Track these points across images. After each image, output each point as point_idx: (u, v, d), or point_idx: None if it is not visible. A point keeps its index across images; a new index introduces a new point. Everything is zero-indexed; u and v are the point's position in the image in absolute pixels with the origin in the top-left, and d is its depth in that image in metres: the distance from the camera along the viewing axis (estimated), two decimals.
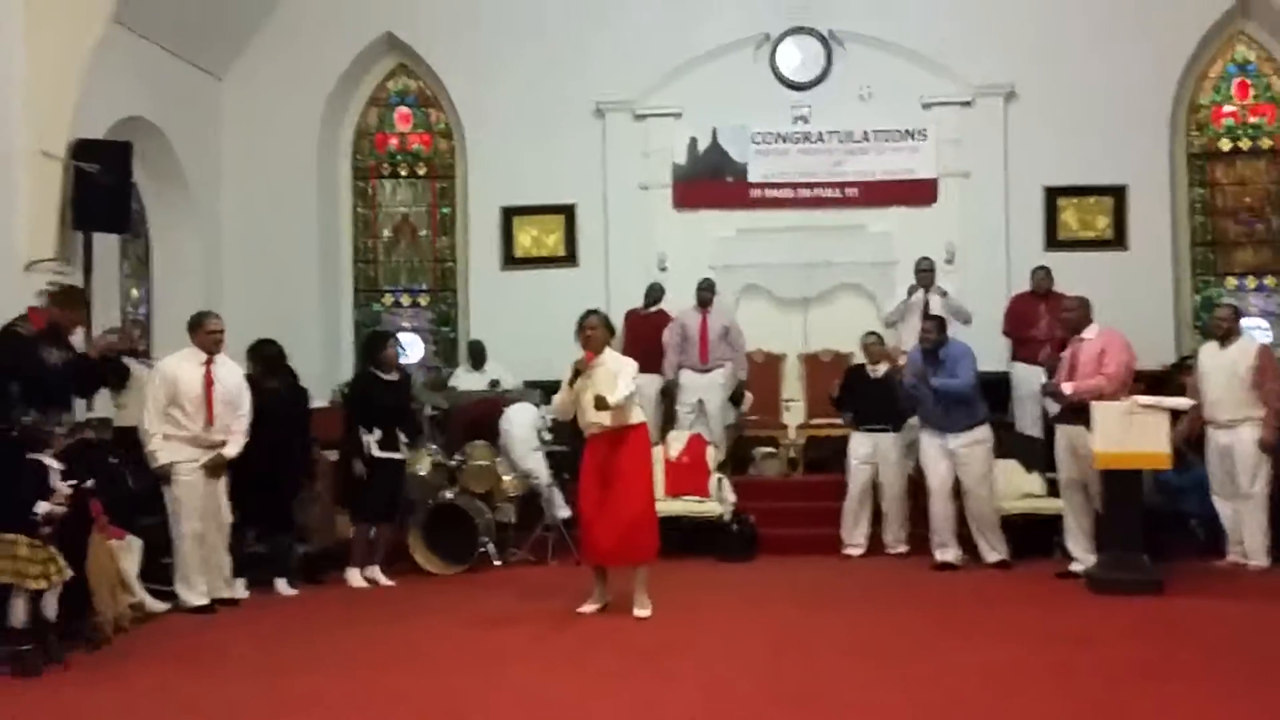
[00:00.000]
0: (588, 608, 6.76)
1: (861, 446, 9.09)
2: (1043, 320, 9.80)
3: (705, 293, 10.30)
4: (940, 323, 8.59)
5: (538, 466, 9.05)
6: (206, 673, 5.40)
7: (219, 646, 6.06)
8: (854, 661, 5.44)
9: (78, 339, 7.56)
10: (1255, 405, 7.98)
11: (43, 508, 5.52)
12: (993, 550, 8.33)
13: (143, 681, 5.23)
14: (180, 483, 7.01)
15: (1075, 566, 7.70)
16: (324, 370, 11.11)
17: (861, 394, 9.16)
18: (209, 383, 7.14)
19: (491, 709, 4.71)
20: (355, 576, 7.95)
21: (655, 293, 10.62)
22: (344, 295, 12.19)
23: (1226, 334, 8.22)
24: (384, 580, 8.03)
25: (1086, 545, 7.71)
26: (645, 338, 10.25)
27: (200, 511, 7.04)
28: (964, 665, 5.35)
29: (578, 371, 6.81)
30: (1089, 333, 7.82)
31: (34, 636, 5.37)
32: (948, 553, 8.35)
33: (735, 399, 10.35)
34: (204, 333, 7.27)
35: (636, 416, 6.89)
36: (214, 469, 7.12)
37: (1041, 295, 10.03)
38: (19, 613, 5.36)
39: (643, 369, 9.96)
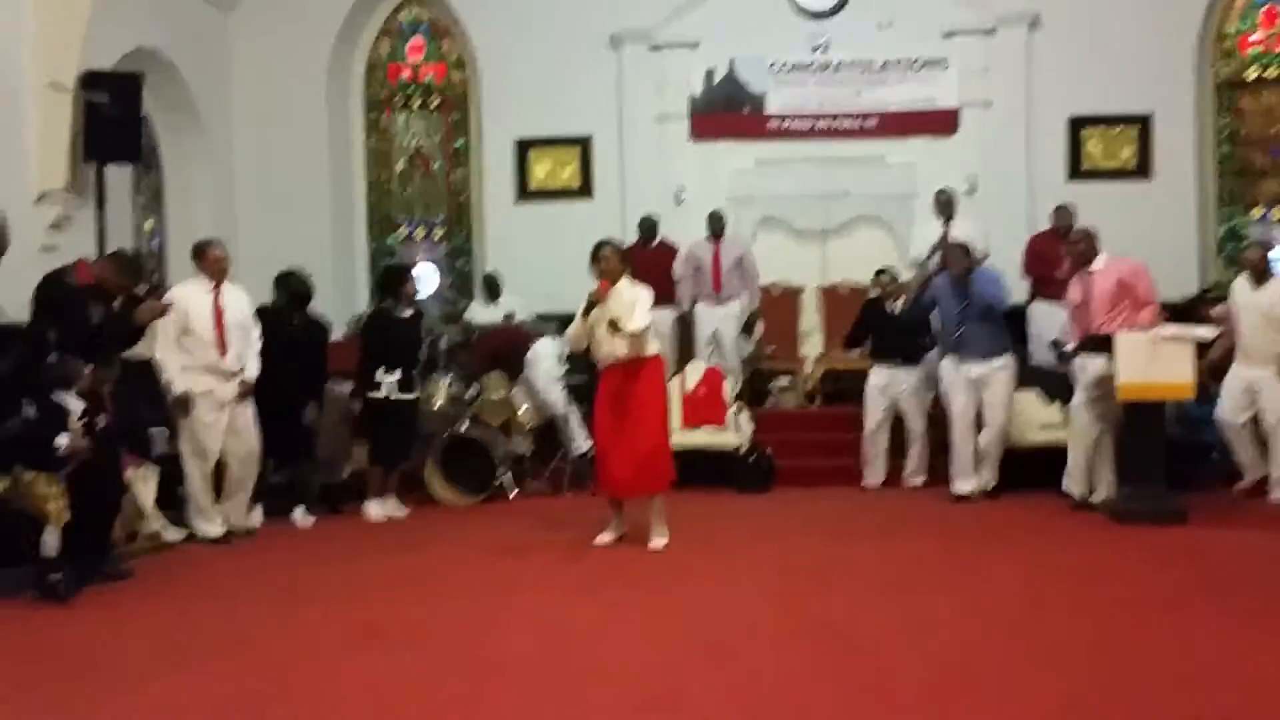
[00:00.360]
0: (604, 538, 6.75)
1: (879, 380, 9.02)
2: (1065, 260, 9.62)
3: (716, 223, 10.21)
4: (966, 248, 8.43)
5: (557, 398, 8.98)
6: (223, 601, 5.40)
7: (235, 575, 6.09)
8: (870, 593, 5.37)
9: None
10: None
11: (63, 440, 5.49)
12: (980, 478, 8.30)
13: (163, 611, 5.23)
14: (197, 413, 6.99)
15: (1096, 497, 7.66)
16: (338, 303, 11.05)
17: (879, 328, 9.08)
18: (218, 310, 7.12)
19: (502, 635, 4.68)
20: (374, 509, 7.94)
21: (649, 227, 10.45)
22: (358, 228, 12.11)
23: (1261, 273, 8.11)
24: (399, 512, 8.02)
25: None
26: (645, 273, 10.11)
27: (216, 442, 7.03)
28: (982, 597, 5.29)
29: (593, 302, 6.72)
30: (1098, 264, 7.69)
31: (62, 566, 5.37)
32: (968, 484, 8.29)
33: (747, 328, 10.28)
34: (209, 260, 7.24)
35: (652, 348, 6.81)
36: (243, 396, 7.13)
37: (1063, 234, 9.83)
38: (52, 543, 5.34)
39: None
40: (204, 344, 7.06)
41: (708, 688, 3.91)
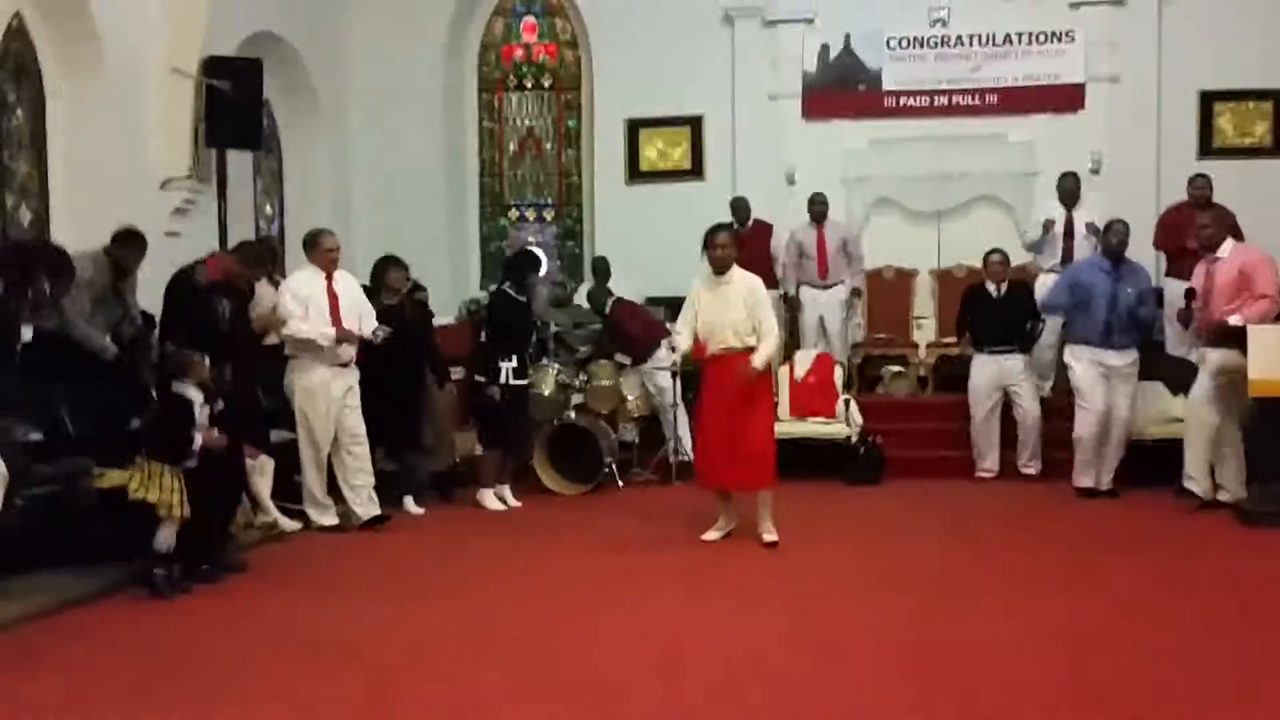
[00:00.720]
0: (713, 535, 6.68)
1: (986, 369, 8.80)
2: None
3: (819, 206, 10.07)
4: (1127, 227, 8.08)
5: (669, 391, 8.92)
6: (333, 601, 5.44)
7: (347, 571, 6.14)
8: (987, 607, 5.19)
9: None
10: None
11: (199, 440, 5.55)
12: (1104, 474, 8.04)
13: (271, 611, 5.28)
14: (314, 402, 7.09)
15: (1222, 495, 7.35)
16: (451, 285, 11.18)
17: (984, 314, 8.85)
18: (333, 300, 7.14)
19: (600, 649, 4.63)
20: (489, 497, 7.98)
21: (743, 208, 10.29)
22: (470, 209, 12.19)
23: None
24: (513, 501, 8.05)
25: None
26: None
27: (330, 432, 7.12)
28: (1107, 613, 5.07)
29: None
30: (1223, 251, 7.35)
31: (173, 562, 5.48)
32: (1092, 477, 8.04)
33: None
34: (321, 250, 7.27)
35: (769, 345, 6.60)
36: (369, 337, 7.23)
37: (1201, 206, 9.42)
38: (167, 538, 5.44)
39: None
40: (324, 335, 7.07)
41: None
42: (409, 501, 7.76)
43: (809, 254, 9.98)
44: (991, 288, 8.91)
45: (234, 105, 8.83)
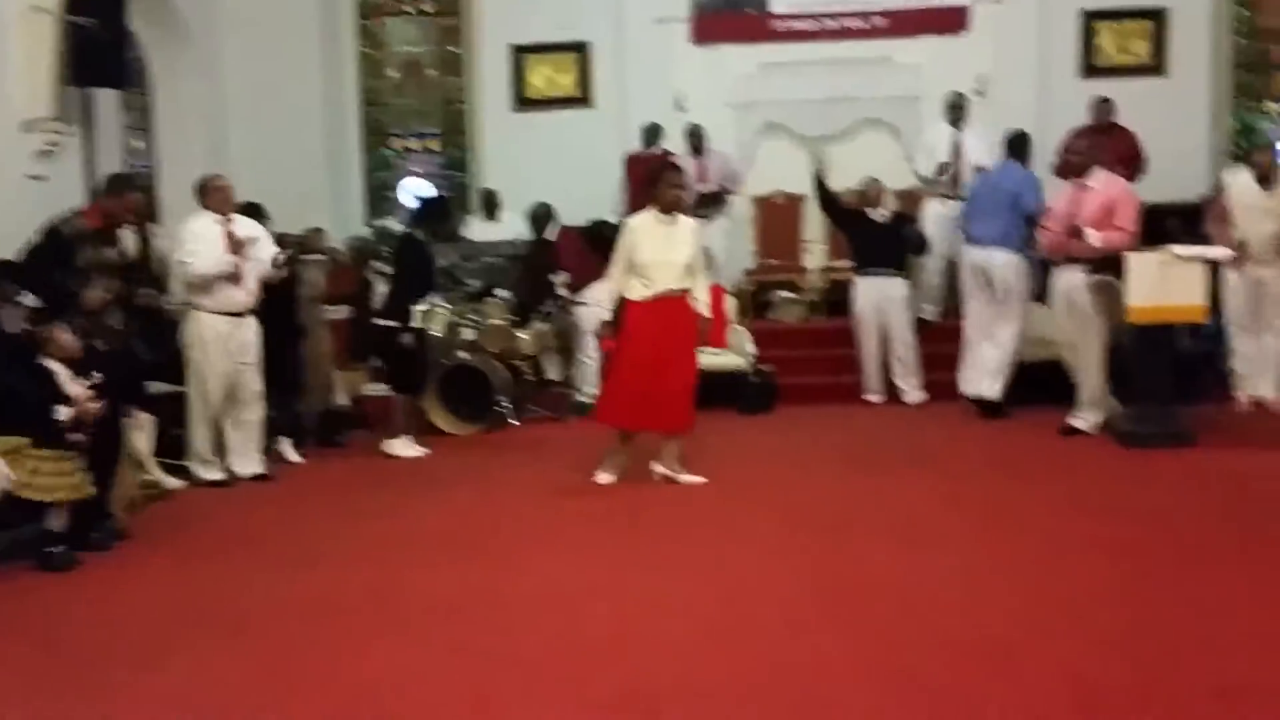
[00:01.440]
0: (608, 477, 6.60)
1: (868, 294, 8.90)
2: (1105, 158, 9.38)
3: (694, 139, 10.09)
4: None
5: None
6: (225, 566, 5.30)
7: (237, 532, 5.97)
8: (883, 543, 5.25)
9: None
10: None
11: (63, 413, 5.30)
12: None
13: (162, 581, 5.10)
14: (207, 347, 6.85)
15: (1078, 423, 7.55)
16: (333, 218, 10.85)
17: (864, 238, 8.93)
18: (234, 245, 6.91)
19: (504, 608, 4.59)
20: (404, 445, 7.77)
21: (655, 133, 10.20)
22: (350, 140, 11.83)
23: (1268, 176, 7.92)
24: (420, 450, 7.84)
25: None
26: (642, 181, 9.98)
27: (223, 387, 6.93)
28: (1002, 544, 5.21)
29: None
30: (1094, 180, 7.47)
31: (64, 538, 5.29)
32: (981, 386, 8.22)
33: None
34: (214, 194, 7.03)
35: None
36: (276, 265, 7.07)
37: (1103, 129, 9.53)
38: (59, 518, 5.25)
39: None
40: (219, 282, 6.86)
41: (716, 671, 3.84)
42: (286, 447, 7.60)
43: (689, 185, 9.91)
44: (873, 213, 8.96)
45: (97, 41, 8.39)
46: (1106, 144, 9.15)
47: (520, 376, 8.83)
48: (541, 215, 9.66)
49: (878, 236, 8.88)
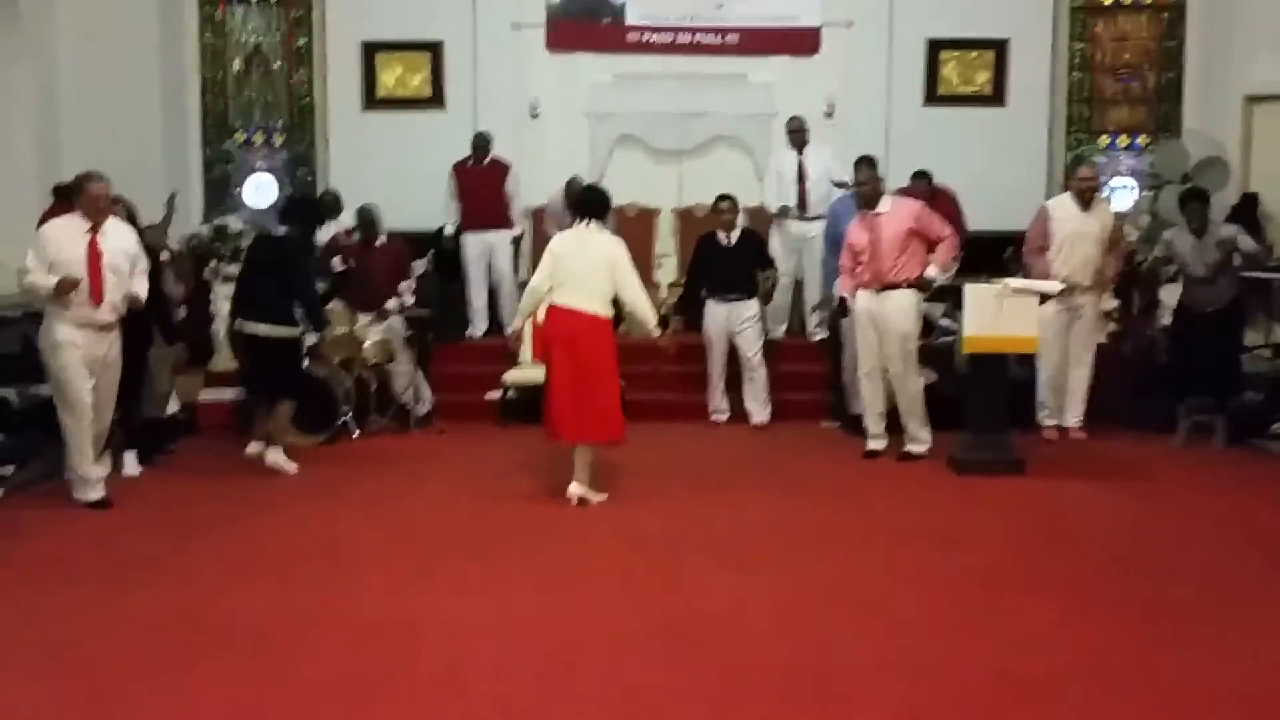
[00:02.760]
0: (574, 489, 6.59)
1: (717, 315, 8.95)
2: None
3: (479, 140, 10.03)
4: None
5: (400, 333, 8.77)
6: (46, 585, 5.11)
7: (68, 552, 5.71)
8: (716, 570, 5.30)
9: None
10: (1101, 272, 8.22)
11: None
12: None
13: None
14: (60, 352, 6.29)
15: (875, 445, 7.79)
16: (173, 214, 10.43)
17: (716, 263, 8.96)
18: (94, 255, 6.31)
19: (336, 638, 4.50)
20: (282, 457, 7.45)
21: (483, 142, 10.09)
22: (191, 131, 11.37)
23: (1092, 196, 8.20)
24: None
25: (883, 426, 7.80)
26: (477, 191, 9.94)
27: (89, 391, 6.41)
28: (834, 569, 5.32)
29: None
30: (883, 207, 7.67)
31: None
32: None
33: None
34: (88, 197, 6.35)
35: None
36: (135, 304, 6.53)
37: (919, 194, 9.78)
38: None
39: (480, 225, 9.88)
40: (75, 292, 6.25)
41: (548, 700, 3.82)
42: (129, 460, 7.26)
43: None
44: (722, 236, 8.99)
45: None
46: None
47: (363, 386, 8.62)
48: (368, 219, 9.10)
49: (727, 259, 8.90)
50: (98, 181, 6.41)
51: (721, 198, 9.09)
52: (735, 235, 8.95)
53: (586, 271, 6.58)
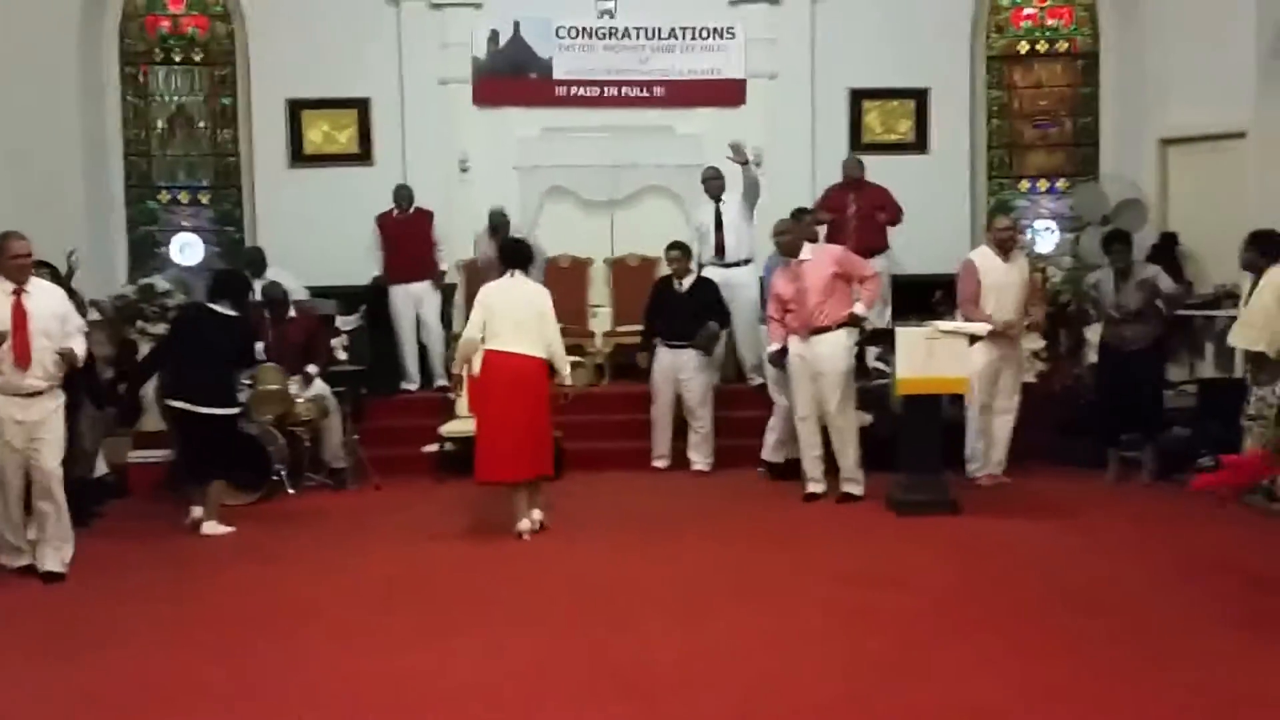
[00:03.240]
0: (527, 524, 6.92)
1: (663, 361, 8.97)
2: (851, 209, 9.83)
3: (496, 219, 9.91)
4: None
5: (331, 396, 8.67)
6: None
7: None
8: (662, 620, 5.26)
9: None
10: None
11: None
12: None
13: None
14: None
15: (814, 488, 7.87)
16: (97, 275, 10.23)
17: (667, 309, 8.99)
18: (20, 316, 6.03)
19: (278, 692, 4.41)
20: (218, 525, 7.33)
21: (406, 193, 10.13)
22: (115, 192, 11.23)
23: (1012, 247, 8.35)
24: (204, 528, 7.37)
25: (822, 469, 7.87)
26: (403, 241, 9.97)
27: (19, 474, 6.16)
28: (782, 616, 5.30)
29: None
30: (806, 253, 7.82)
31: None
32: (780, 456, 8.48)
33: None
34: (8, 257, 6.04)
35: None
36: (68, 357, 6.16)
37: (851, 184, 10.02)
38: None
39: (406, 277, 9.93)
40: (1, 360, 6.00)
41: None
42: None
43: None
44: (676, 283, 9.02)
45: None
46: (855, 198, 9.86)
47: (297, 443, 8.49)
48: (276, 298, 8.92)
49: (677, 307, 8.92)
50: (18, 239, 6.12)
51: (672, 246, 9.13)
52: (688, 283, 8.97)
53: (523, 318, 6.90)
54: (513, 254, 7.23)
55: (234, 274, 8.25)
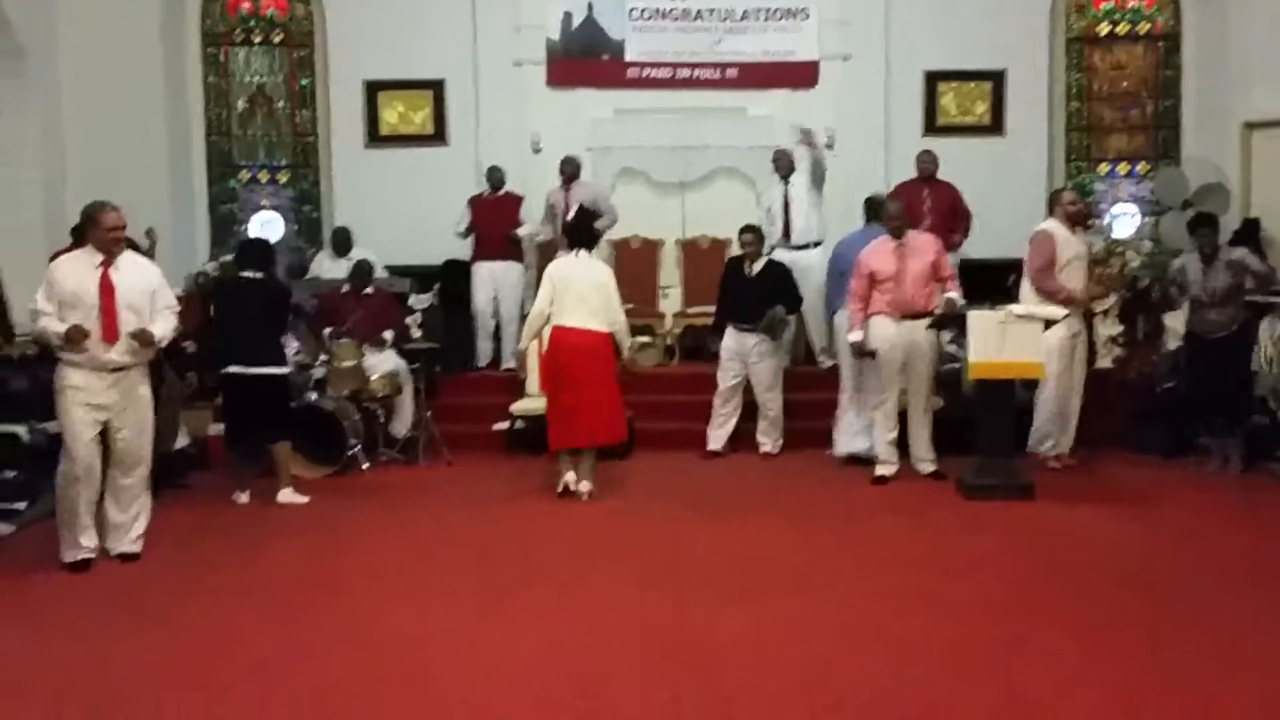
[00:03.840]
0: (575, 482, 7.33)
1: (730, 343, 8.93)
2: (925, 204, 9.70)
3: (566, 166, 10.05)
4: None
5: (405, 370, 8.81)
6: (74, 634, 5.09)
7: (74, 590, 5.71)
8: (723, 597, 5.28)
9: None
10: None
11: None
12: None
13: (7, 648, 4.82)
14: (67, 401, 5.87)
15: (884, 470, 7.86)
16: (178, 251, 10.50)
17: (737, 291, 8.97)
18: (107, 290, 5.85)
19: (352, 656, 4.51)
20: (290, 495, 7.49)
21: (498, 176, 10.20)
22: (196, 171, 11.49)
23: (1081, 220, 8.26)
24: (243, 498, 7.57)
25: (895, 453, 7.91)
26: (490, 223, 10.00)
27: (93, 444, 5.95)
28: (841, 597, 5.31)
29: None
30: (909, 238, 7.81)
31: None
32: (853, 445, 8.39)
33: None
34: (100, 230, 5.88)
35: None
36: (142, 338, 5.93)
37: (925, 180, 9.89)
38: None
39: (491, 255, 9.94)
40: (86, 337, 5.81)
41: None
42: None
43: (558, 215, 9.89)
44: (747, 266, 8.99)
45: None
46: (929, 195, 9.67)
47: (371, 419, 8.63)
48: (364, 271, 9.14)
49: (746, 290, 8.87)
50: (112, 211, 5.94)
51: (745, 229, 9.02)
52: (758, 266, 8.89)
53: (587, 293, 7.24)
54: (578, 233, 7.58)
55: (259, 241, 8.39)
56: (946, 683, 4.21)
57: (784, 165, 9.70)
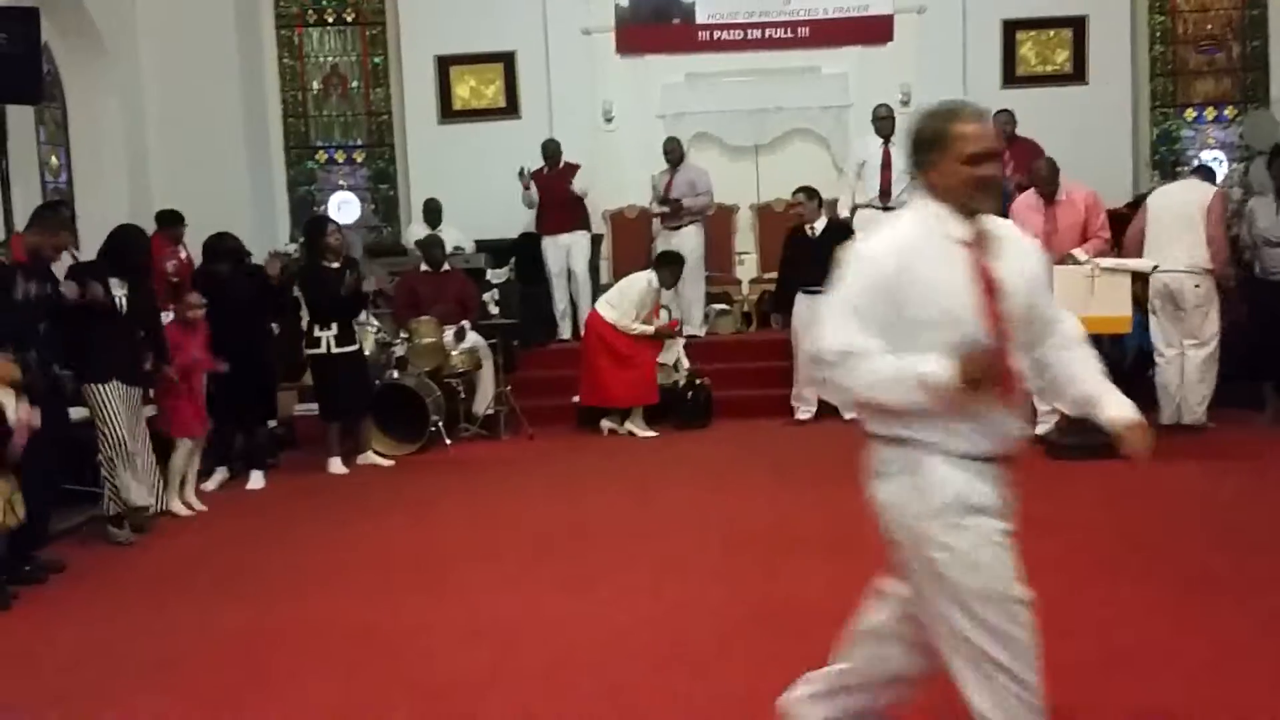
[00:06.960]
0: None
1: (803, 309, 8.80)
2: (1008, 166, 9.47)
3: (670, 148, 10.07)
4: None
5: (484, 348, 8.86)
6: (164, 600, 5.21)
7: (169, 566, 5.85)
8: (818, 562, 5.26)
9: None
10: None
11: (18, 444, 5.08)
12: None
13: (97, 613, 5.03)
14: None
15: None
16: (257, 232, 10.64)
17: (802, 256, 8.81)
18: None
19: (440, 629, 4.57)
20: (335, 464, 7.79)
21: (554, 148, 10.16)
22: (274, 152, 11.65)
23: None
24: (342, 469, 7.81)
25: None
26: (551, 196, 10.01)
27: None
28: None
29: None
30: (1061, 194, 7.60)
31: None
32: None
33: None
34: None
35: None
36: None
37: (1005, 140, 9.66)
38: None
39: (557, 229, 9.97)
40: None
41: (652, 701, 3.82)
42: (256, 476, 7.50)
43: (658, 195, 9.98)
44: (808, 229, 8.89)
45: (10, 56, 8.14)
46: (1010, 155, 9.28)
47: (452, 395, 8.72)
48: (436, 251, 9.23)
49: (811, 253, 8.76)
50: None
51: (796, 191, 8.95)
52: (819, 227, 8.78)
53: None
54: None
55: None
56: (1042, 639, 4.13)
57: (887, 125, 9.52)
